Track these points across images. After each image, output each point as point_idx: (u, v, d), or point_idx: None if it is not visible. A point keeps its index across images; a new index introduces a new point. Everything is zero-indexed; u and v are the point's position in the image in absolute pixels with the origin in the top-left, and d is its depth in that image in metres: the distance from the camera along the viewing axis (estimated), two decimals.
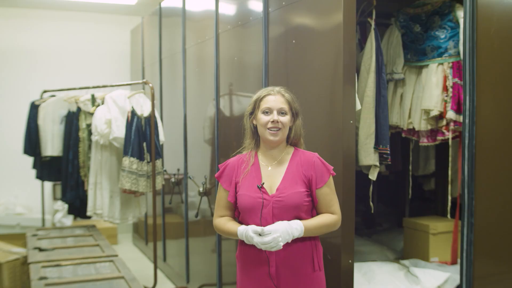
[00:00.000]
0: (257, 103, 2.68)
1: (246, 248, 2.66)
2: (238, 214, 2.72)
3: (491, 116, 2.57)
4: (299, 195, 2.59)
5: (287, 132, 2.68)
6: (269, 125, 2.61)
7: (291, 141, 2.75)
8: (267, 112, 2.63)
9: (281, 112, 2.63)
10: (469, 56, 2.63)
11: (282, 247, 2.49)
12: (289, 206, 2.57)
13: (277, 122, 2.61)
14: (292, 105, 2.68)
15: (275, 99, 2.64)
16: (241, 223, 2.70)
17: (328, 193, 2.65)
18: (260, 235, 2.46)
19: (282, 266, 2.59)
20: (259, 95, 2.69)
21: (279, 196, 2.58)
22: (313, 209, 2.68)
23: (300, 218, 2.59)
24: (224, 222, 2.69)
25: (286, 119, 2.63)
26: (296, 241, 2.58)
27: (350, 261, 3.06)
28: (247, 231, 2.50)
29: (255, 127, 2.71)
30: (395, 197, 5.54)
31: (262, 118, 2.63)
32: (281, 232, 2.46)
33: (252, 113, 2.71)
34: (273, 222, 2.54)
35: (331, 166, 2.69)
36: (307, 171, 2.64)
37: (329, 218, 2.64)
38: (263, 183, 2.61)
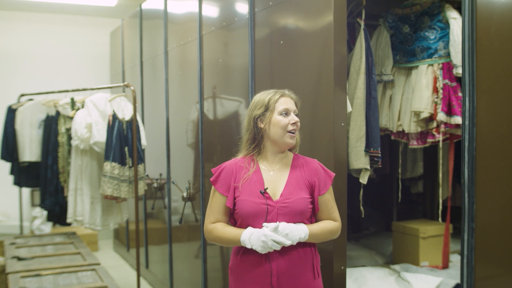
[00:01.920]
0: (271, 105, 2.55)
1: (244, 258, 2.55)
2: (234, 222, 2.61)
3: (491, 117, 2.50)
4: (303, 201, 2.51)
5: None
6: (289, 127, 2.52)
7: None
8: (285, 113, 2.54)
9: (295, 114, 2.56)
10: (468, 57, 2.56)
11: (280, 254, 2.44)
12: (295, 212, 2.49)
13: (296, 124, 2.53)
14: (297, 107, 2.61)
15: (290, 101, 2.57)
16: None
17: (329, 200, 2.60)
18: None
19: (284, 275, 2.50)
20: (272, 97, 2.56)
21: (284, 202, 2.49)
22: (312, 216, 2.60)
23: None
24: (220, 227, 2.55)
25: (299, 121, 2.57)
26: (297, 248, 2.50)
27: (342, 267, 2.99)
28: (260, 232, 2.39)
29: (259, 130, 2.60)
30: (381, 200, 5.49)
31: (282, 120, 2.53)
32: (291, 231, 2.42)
33: (260, 115, 2.58)
34: None
35: (333, 173, 2.63)
36: (311, 177, 2.56)
37: (331, 225, 2.58)
38: (267, 188, 2.51)
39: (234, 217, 2.60)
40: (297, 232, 2.43)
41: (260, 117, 2.56)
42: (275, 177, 2.57)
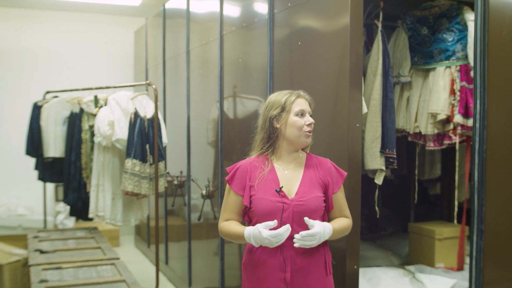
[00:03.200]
0: (287, 106, 2.60)
1: (258, 255, 2.60)
2: (249, 221, 2.66)
3: (502, 120, 2.51)
4: (318, 199, 2.57)
5: None
6: (305, 128, 2.58)
7: None
8: (301, 114, 2.59)
9: (310, 115, 2.62)
10: (479, 59, 2.57)
11: (293, 251, 2.50)
12: (309, 210, 2.54)
13: (311, 125, 2.59)
14: (311, 108, 2.67)
15: (305, 102, 2.63)
16: None
17: (341, 198, 2.66)
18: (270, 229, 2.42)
19: (297, 271, 2.55)
20: (288, 98, 2.61)
21: (299, 200, 2.54)
22: (325, 214, 2.65)
23: None
24: (229, 224, 2.62)
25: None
26: None
27: (355, 266, 3.01)
28: (256, 229, 2.43)
29: (275, 130, 2.64)
30: (399, 201, 5.49)
31: (298, 121, 2.58)
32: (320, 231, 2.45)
33: (276, 116, 2.63)
34: (292, 227, 2.49)
35: (345, 172, 2.69)
36: (324, 176, 2.62)
37: (346, 222, 2.65)
38: (282, 187, 2.57)
39: (249, 215, 2.65)
40: (324, 235, 2.46)
41: (276, 117, 2.61)
42: (289, 176, 2.62)
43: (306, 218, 2.45)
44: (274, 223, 2.42)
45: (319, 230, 2.43)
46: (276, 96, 2.66)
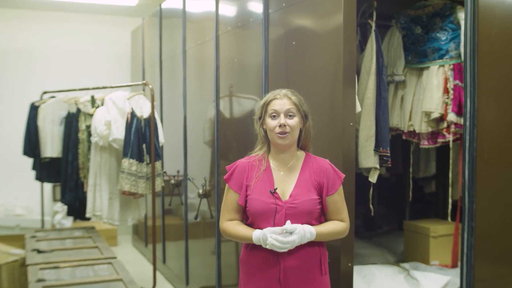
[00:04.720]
0: (264, 108, 2.64)
1: (253, 252, 2.62)
2: (247, 218, 2.69)
3: (492, 118, 2.54)
4: (312, 202, 2.57)
5: (296, 135, 2.63)
6: (277, 129, 2.57)
7: (301, 144, 2.71)
8: (275, 116, 2.59)
9: (288, 115, 2.58)
10: (470, 58, 2.60)
11: (287, 251, 2.50)
12: (302, 213, 2.55)
13: (285, 125, 2.56)
14: (300, 107, 2.63)
15: (281, 102, 2.60)
16: (250, 226, 2.65)
17: (338, 201, 2.64)
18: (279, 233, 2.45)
19: (291, 270, 2.56)
20: (266, 99, 2.65)
21: (292, 203, 2.56)
22: (321, 216, 2.67)
23: (310, 225, 2.57)
24: (234, 226, 2.64)
25: (294, 121, 2.58)
26: (304, 245, 2.56)
27: (349, 264, 3.04)
28: (265, 234, 2.47)
29: (265, 132, 2.67)
30: (395, 199, 5.52)
31: (270, 122, 2.59)
32: (300, 232, 2.47)
33: (261, 117, 2.67)
34: None
35: (343, 174, 2.69)
36: (320, 178, 2.62)
37: (338, 226, 2.64)
38: (276, 188, 2.59)
39: (246, 214, 2.68)
40: (304, 233, 2.48)
41: (260, 119, 2.67)
42: (285, 177, 2.64)
43: (287, 223, 2.47)
44: (282, 229, 2.45)
45: (293, 239, 2.44)
46: (263, 98, 2.70)
